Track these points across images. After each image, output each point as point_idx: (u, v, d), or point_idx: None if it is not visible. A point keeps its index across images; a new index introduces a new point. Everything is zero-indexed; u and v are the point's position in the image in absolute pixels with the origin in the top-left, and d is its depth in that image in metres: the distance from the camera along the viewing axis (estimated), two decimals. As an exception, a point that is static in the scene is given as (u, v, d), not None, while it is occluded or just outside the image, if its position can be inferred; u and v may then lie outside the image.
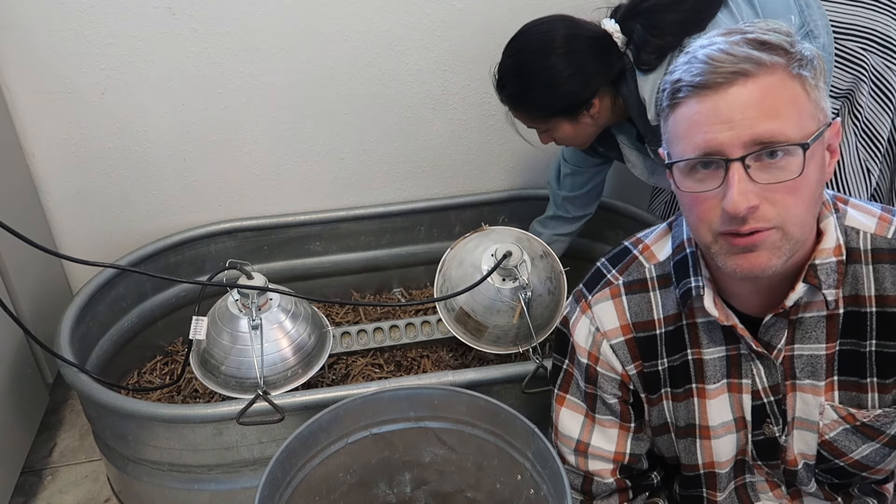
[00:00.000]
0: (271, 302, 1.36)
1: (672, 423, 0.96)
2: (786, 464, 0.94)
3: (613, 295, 0.94)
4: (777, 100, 0.72)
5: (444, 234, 1.88)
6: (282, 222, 1.80)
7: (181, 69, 1.62)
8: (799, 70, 0.74)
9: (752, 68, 0.72)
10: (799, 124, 0.73)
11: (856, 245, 0.83)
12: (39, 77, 1.58)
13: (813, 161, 0.74)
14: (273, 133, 1.75)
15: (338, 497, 1.19)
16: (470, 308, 1.44)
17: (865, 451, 0.89)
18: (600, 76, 1.27)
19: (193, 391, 1.59)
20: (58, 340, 1.38)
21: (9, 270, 1.51)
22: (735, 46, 0.74)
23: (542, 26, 1.30)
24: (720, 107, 0.73)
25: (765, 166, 0.73)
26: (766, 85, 0.72)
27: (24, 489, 1.56)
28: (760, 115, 0.72)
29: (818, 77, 0.75)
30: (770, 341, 0.87)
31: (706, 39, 0.77)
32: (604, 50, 1.26)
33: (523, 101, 1.34)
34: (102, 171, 1.71)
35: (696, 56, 0.75)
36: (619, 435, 0.98)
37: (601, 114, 1.32)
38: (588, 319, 0.96)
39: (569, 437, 1.01)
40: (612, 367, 0.95)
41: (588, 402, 0.99)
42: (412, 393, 1.18)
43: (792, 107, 0.73)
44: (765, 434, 0.92)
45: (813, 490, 0.96)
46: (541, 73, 1.28)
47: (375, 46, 1.68)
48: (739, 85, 0.72)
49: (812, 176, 0.75)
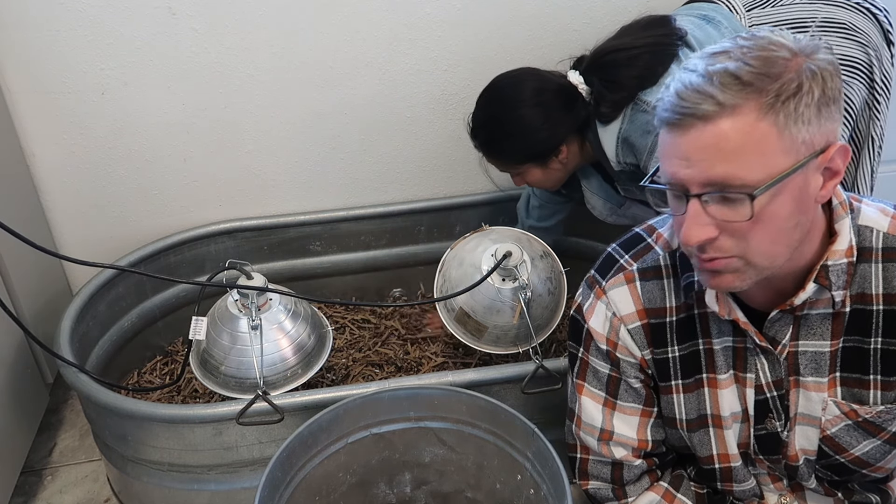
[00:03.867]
0: (271, 302, 1.36)
1: (681, 419, 0.97)
2: (787, 459, 0.94)
3: (628, 280, 0.94)
4: (734, 144, 0.71)
5: (444, 234, 1.89)
6: (282, 222, 1.80)
7: (181, 69, 1.62)
8: (777, 104, 0.70)
9: (714, 110, 0.71)
10: (761, 165, 0.71)
11: (868, 244, 0.83)
12: (39, 77, 1.58)
13: (778, 198, 0.73)
14: (273, 133, 1.75)
15: (338, 497, 1.19)
16: (470, 308, 1.44)
17: (866, 448, 0.89)
18: (567, 125, 1.36)
19: (193, 391, 1.59)
20: (58, 340, 1.38)
21: (9, 271, 1.51)
22: (704, 83, 0.71)
23: (511, 79, 1.40)
24: (680, 144, 0.73)
25: (722, 201, 0.74)
26: (726, 128, 0.71)
27: (24, 489, 1.56)
28: (716, 158, 0.71)
29: (810, 104, 0.71)
30: (775, 336, 0.87)
31: (688, 65, 0.75)
32: (570, 100, 1.35)
33: (495, 150, 1.43)
34: (102, 171, 1.71)
35: (670, 88, 0.75)
36: (640, 422, 0.99)
37: (569, 159, 1.41)
38: (604, 305, 0.96)
39: (592, 425, 1.00)
40: (631, 352, 0.95)
41: (610, 389, 0.99)
42: (412, 393, 1.18)
43: (753, 149, 0.71)
44: (767, 429, 0.93)
45: (813, 486, 0.96)
46: (511, 124, 1.37)
47: (375, 46, 1.68)
48: (698, 128, 0.71)
49: (779, 212, 0.74)
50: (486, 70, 1.47)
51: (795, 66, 0.71)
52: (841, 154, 0.75)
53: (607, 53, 1.34)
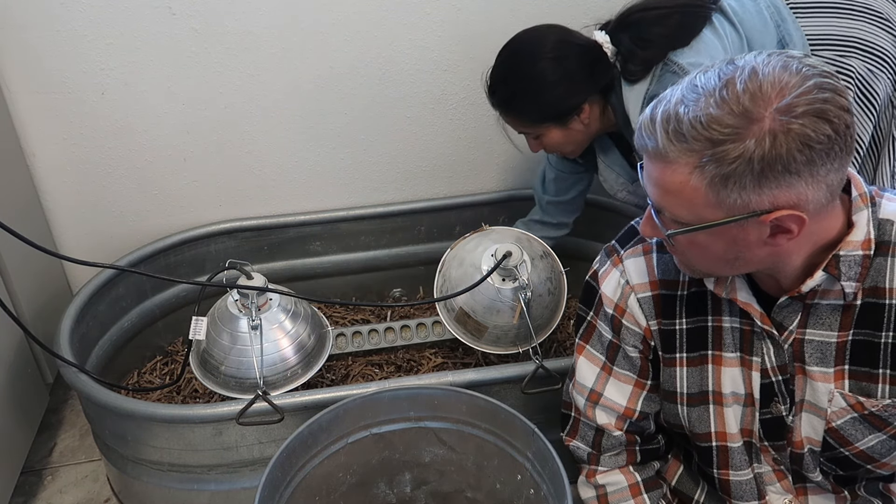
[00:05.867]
0: (271, 302, 1.36)
1: (682, 393, 0.98)
2: (792, 446, 0.94)
3: (646, 251, 0.98)
4: (668, 186, 0.78)
5: (444, 234, 1.88)
6: (282, 222, 1.80)
7: (181, 69, 1.62)
8: (709, 166, 0.73)
9: (657, 152, 0.77)
10: (688, 211, 0.78)
11: (888, 238, 0.83)
12: (39, 77, 1.58)
13: (711, 237, 0.79)
14: (273, 133, 1.75)
15: (338, 497, 1.19)
16: (470, 308, 1.44)
17: (871, 442, 0.89)
18: (588, 84, 1.31)
19: (193, 391, 1.59)
20: (57, 340, 1.38)
21: (8, 271, 1.51)
22: (660, 124, 0.76)
23: (533, 33, 1.34)
24: (645, 161, 0.82)
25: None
26: (662, 172, 0.78)
27: (24, 489, 1.56)
28: (658, 188, 0.80)
29: (746, 173, 0.72)
30: (783, 322, 0.88)
31: (668, 95, 0.78)
32: (593, 59, 1.30)
33: (513, 106, 1.37)
34: (102, 170, 1.71)
35: (647, 113, 0.79)
36: (633, 391, 1.02)
37: (591, 122, 1.35)
38: (619, 272, 1.00)
39: (583, 385, 1.05)
40: (637, 320, 0.99)
41: (609, 354, 1.03)
42: (412, 393, 1.18)
43: (682, 196, 0.77)
44: (772, 413, 0.93)
45: (818, 479, 0.96)
46: (529, 79, 1.31)
47: (375, 46, 1.68)
48: (648, 157, 0.79)
49: (711, 247, 0.81)
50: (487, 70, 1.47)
51: (751, 133, 0.71)
52: (794, 221, 0.75)
53: (636, 12, 1.29)
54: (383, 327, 1.68)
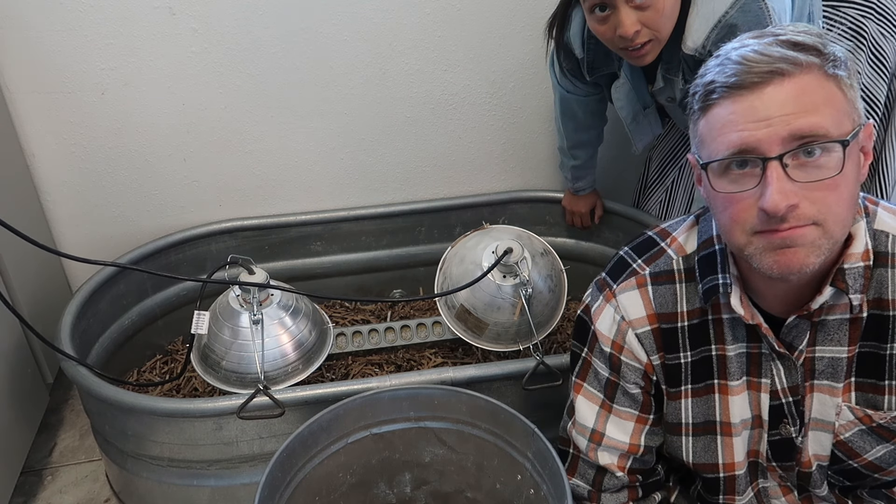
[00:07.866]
0: (272, 297, 1.37)
1: (687, 424, 0.95)
2: (800, 466, 0.93)
3: (640, 284, 0.93)
4: (815, 97, 0.72)
5: (444, 234, 1.88)
6: (282, 222, 1.80)
7: (181, 69, 1.62)
8: (834, 70, 0.73)
9: (789, 68, 0.72)
10: (837, 122, 0.73)
11: (884, 249, 0.82)
12: (39, 77, 1.58)
13: (851, 160, 0.74)
14: (273, 133, 1.75)
15: (338, 497, 1.19)
16: (470, 305, 1.44)
17: (879, 453, 0.88)
18: None
19: (193, 389, 1.59)
20: (58, 336, 1.38)
21: (9, 269, 1.51)
22: (769, 47, 0.73)
23: None
24: (756, 105, 0.73)
25: (803, 164, 0.73)
26: (804, 83, 0.72)
27: (24, 489, 1.56)
28: (799, 111, 0.72)
29: (852, 77, 0.75)
30: (792, 342, 0.86)
31: (737, 42, 0.77)
32: None
33: None
34: (102, 170, 1.71)
35: (729, 57, 0.75)
36: (635, 427, 0.97)
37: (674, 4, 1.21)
38: (612, 308, 0.94)
39: (584, 426, 1.00)
40: (637, 356, 0.94)
41: (607, 392, 0.98)
42: (412, 393, 1.18)
43: (829, 105, 0.73)
44: (781, 434, 0.91)
45: (825, 494, 0.95)
46: None
47: (375, 46, 1.69)
48: (776, 84, 0.72)
49: (850, 175, 0.74)
50: (487, 70, 1.48)
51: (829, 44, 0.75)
52: (869, 135, 0.78)
53: None
54: (383, 327, 1.67)
